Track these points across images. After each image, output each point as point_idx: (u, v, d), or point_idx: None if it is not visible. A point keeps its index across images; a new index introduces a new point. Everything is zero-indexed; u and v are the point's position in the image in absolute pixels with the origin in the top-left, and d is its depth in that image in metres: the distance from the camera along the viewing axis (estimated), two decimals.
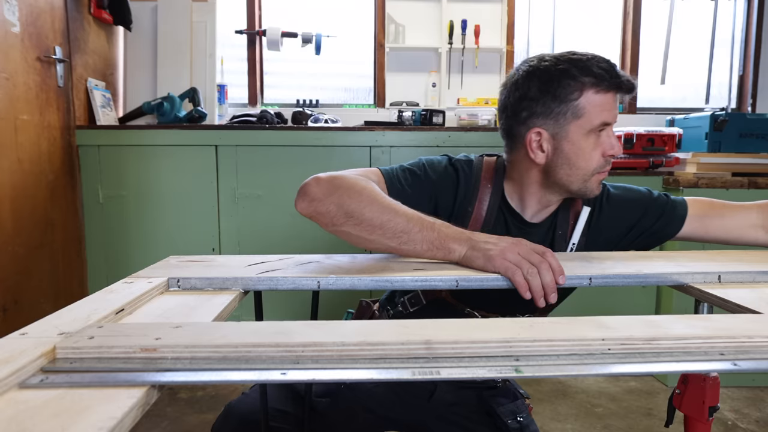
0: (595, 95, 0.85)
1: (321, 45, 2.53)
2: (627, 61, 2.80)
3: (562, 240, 0.95)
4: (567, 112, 0.85)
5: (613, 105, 0.86)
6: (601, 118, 0.85)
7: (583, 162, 0.87)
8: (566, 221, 0.95)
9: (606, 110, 0.85)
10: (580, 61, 0.85)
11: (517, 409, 0.95)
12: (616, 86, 0.85)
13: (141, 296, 0.64)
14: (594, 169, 0.88)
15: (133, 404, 0.38)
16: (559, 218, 0.96)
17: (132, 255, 2.14)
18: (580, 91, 0.84)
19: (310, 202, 0.79)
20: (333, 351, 0.47)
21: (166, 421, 1.80)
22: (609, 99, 0.85)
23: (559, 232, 0.95)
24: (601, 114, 0.85)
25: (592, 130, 0.86)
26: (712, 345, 0.49)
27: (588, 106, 0.85)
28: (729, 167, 2.15)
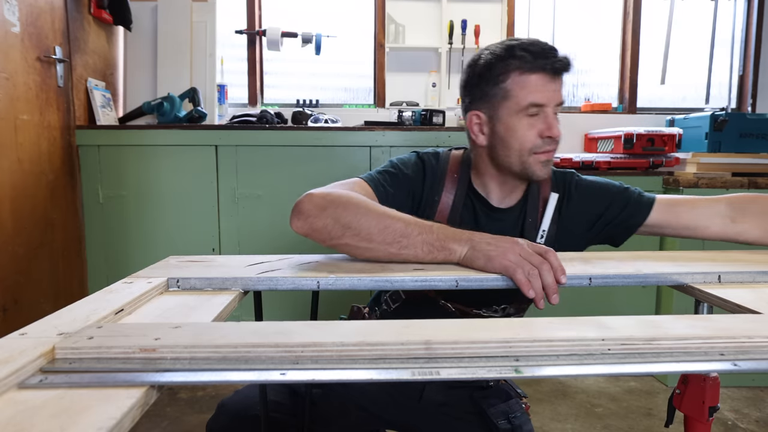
0: (520, 77, 0.88)
1: (321, 45, 2.53)
2: (627, 61, 2.80)
3: (532, 227, 0.97)
4: (498, 94, 0.90)
5: (544, 86, 0.88)
6: (528, 99, 0.88)
7: (517, 142, 0.90)
8: (535, 208, 0.97)
9: (534, 91, 0.87)
10: (509, 46, 0.89)
11: (509, 409, 0.94)
12: (540, 67, 0.87)
13: (140, 296, 0.64)
14: (529, 148, 0.90)
15: (132, 404, 0.38)
16: (529, 205, 0.98)
17: (132, 255, 2.13)
18: (506, 73, 0.88)
19: (306, 219, 0.79)
20: (332, 351, 0.47)
21: (166, 421, 1.80)
22: (537, 80, 0.87)
23: (529, 219, 0.97)
24: (528, 95, 0.87)
25: (521, 111, 0.88)
26: (712, 345, 0.49)
27: (515, 87, 0.88)
28: (729, 167, 2.15)
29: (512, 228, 0.98)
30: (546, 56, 0.87)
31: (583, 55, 2.83)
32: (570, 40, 2.81)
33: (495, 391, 0.98)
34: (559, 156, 2.25)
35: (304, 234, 0.80)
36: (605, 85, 2.86)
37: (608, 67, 2.84)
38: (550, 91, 0.88)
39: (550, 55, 0.87)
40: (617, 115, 2.74)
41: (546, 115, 0.89)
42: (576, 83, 2.85)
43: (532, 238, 0.95)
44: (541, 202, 0.98)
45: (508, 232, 0.89)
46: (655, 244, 2.22)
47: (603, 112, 2.72)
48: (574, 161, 2.20)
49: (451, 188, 0.97)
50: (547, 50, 0.88)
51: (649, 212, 0.95)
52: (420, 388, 0.98)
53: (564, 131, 2.97)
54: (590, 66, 2.84)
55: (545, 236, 0.97)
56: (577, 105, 2.82)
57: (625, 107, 2.80)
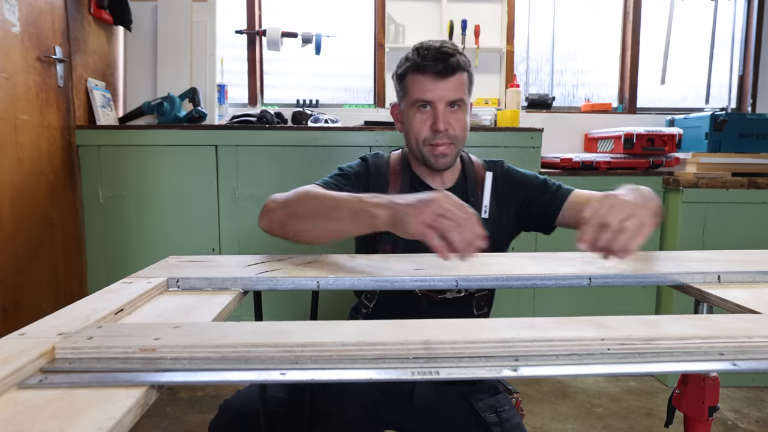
0: (413, 76, 1.01)
1: (321, 45, 2.53)
2: (627, 61, 2.80)
3: (475, 206, 1.04)
4: (403, 90, 1.04)
5: (431, 85, 0.98)
6: (416, 95, 1.00)
7: (413, 133, 1.02)
8: (474, 189, 1.07)
9: (422, 89, 0.99)
10: (413, 49, 1.03)
11: (497, 403, 0.96)
12: (426, 69, 0.98)
13: (140, 296, 0.64)
14: (422, 140, 1.01)
15: (132, 404, 0.38)
16: (469, 188, 1.07)
17: (132, 255, 2.13)
18: (405, 73, 1.02)
19: (266, 214, 0.90)
20: (332, 351, 0.47)
21: (166, 421, 1.80)
22: (424, 80, 0.99)
23: (471, 199, 1.06)
24: (417, 92, 1.00)
25: (413, 106, 1.01)
26: (712, 345, 0.49)
27: (409, 85, 1.02)
28: (729, 167, 2.15)
29: None
30: (434, 59, 0.97)
31: (583, 55, 2.83)
32: (570, 40, 2.81)
33: (483, 386, 1.00)
34: (559, 156, 2.25)
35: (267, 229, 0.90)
36: (605, 85, 2.86)
37: (608, 67, 2.84)
38: (438, 89, 0.99)
39: (437, 58, 0.97)
40: (617, 115, 2.74)
41: (435, 110, 1.00)
42: (576, 83, 2.85)
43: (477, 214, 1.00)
44: (479, 183, 1.08)
45: None
46: (655, 245, 2.22)
47: (603, 112, 2.72)
48: (574, 161, 2.20)
49: (396, 180, 1.07)
50: (434, 54, 0.98)
51: (562, 204, 1.04)
52: (410, 388, 0.99)
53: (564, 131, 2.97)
54: (590, 66, 2.84)
55: (488, 211, 1.05)
56: (577, 105, 2.82)
57: (625, 107, 2.80)
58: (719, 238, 2.10)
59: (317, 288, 0.72)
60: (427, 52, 0.99)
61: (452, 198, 0.74)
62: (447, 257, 0.71)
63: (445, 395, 0.99)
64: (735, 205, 2.10)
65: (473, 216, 0.72)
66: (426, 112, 1.01)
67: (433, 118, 1.00)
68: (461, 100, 1.01)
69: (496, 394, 0.98)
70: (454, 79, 0.99)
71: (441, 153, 1.01)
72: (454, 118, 1.01)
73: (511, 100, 2.56)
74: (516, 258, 0.86)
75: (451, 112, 1.01)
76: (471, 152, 1.14)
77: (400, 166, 1.09)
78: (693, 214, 2.10)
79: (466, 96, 1.03)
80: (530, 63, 2.81)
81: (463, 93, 1.01)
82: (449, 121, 1.00)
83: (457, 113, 1.01)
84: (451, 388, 0.99)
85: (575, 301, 2.26)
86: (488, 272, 0.75)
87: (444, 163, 1.02)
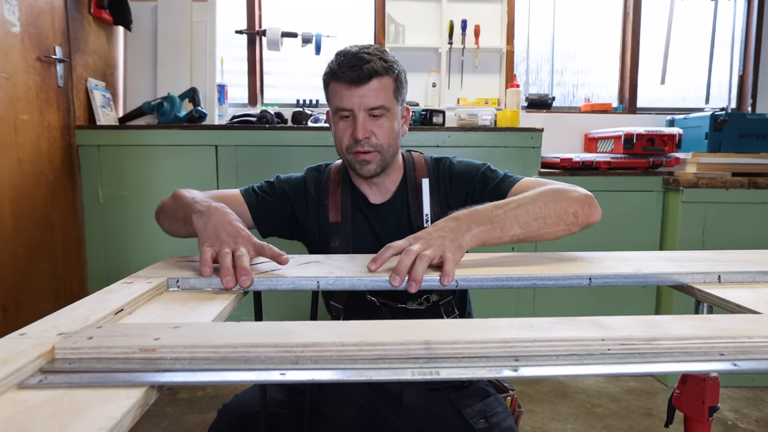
0: (332, 84, 0.99)
1: (321, 45, 2.53)
2: (627, 61, 2.80)
3: (417, 215, 1.03)
4: (327, 97, 1.02)
5: (348, 93, 0.96)
6: (335, 104, 0.99)
7: (337, 140, 1.01)
8: (415, 196, 1.04)
9: (340, 97, 0.97)
10: (334, 56, 0.99)
11: (486, 408, 0.94)
12: (340, 78, 0.96)
13: (140, 296, 0.64)
14: (345, 147, 1.00)
15: (131, 405, 0.38)
16: (409, 195, 1.04)
17: (132, 255, 2.13)
18: (327, 80, 1.00)
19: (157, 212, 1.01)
20: (332, 351, 0.47)
21: (166, 421, 1.80)
22: (340, 88, 0.97)
23: (413, 208, 1.03)
24: (336, 100, 0.98)
25: (336, 113, 1.00)
26: (712, 345, 0.49)
27: (330, 92, 1.00)
28: (729, 167, 2.15)
29: (399, 219, 1.04)
30: (349, 66, 0.95)
31: (583, 55, 2.83)
32: (570, 40, 2.81)
33: (472, 391, 0.98)
34: (559, 156, 2.25)
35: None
36: (605, 85, 2.86)
37: (608, 67, 2.84)
38: (354, 97, 0.96)
39: (353, 64, 0.95)
40: (617, 115, 2.74)
41: (354, 118, 0.97)
42: (576, 83, 2.85)
43: (420, 224, 1.02)
44: (418, 189, 1.04)
45: (396, 225, 1.03)
46: (655, 244, 2.22)
47: (603, 112, 2.72)
48: (574, 161, 2.20)
49: (336, 190, 1.05)
50: (349, 60, 0.95)
51: (506, 195, 0.97)
52: (398, 392, 0.98)
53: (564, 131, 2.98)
54: (590, 66, 2.84)
55: (429, 219, 1.02)
56: (577, 105, 2.82)
57: (625, 107, 2.80)
58: (719, 238, 2.10)
59: (317, 288, 0.72)
60: (343, 59, 0.96)
61: (227, 231, 0.77)
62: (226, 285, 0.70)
63: (433, 401, 0.97)
64: (735, 205, 2.10)
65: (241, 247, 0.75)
66: (347, 121, 0.98)
67: (353, 126, 0.97)
68: (382, 107, 0.97)
69: (486, 398, 0.96)
70: (372, 86, 0.95)
71: (364, 160, 0.98)
72: (377, 126, 0.97)
73: (511, 100, 2.56)
74: (516, 258, 0.86)
75: (374, 120, 0.97)
76: (471, 152, 1.12)
77: (339, 177, 1.07)
78: (693, 214, 2.10)
79: (390, 102, 0.98)
80: (530, 63, 2.81)
81: (384, 99, 0.97)
82: (370, 129, 0.97)
83: (380, 120, 0.98)
84: (438, 394, 0.98)
85: (575, 301, 2.26)
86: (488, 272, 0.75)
87: (369, 170, 0.99)
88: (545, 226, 0.84)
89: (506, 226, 0.81)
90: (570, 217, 0.86)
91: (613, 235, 2.18)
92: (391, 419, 0.98)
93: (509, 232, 0.81)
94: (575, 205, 0.86)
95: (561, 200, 0.86)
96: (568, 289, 2.20)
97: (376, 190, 1.06)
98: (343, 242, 1.01)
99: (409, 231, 1.01)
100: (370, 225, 1.04)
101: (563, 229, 0.85)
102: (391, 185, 1.06)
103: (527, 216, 0.82)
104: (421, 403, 0.97)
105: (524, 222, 0.82)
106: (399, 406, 0.98)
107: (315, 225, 1.05)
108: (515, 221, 0.82)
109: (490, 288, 0.73)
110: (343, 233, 1.02)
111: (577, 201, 0.87)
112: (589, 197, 0.89)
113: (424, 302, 0.99)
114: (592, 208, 0.88)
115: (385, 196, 1.06)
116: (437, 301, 0.99)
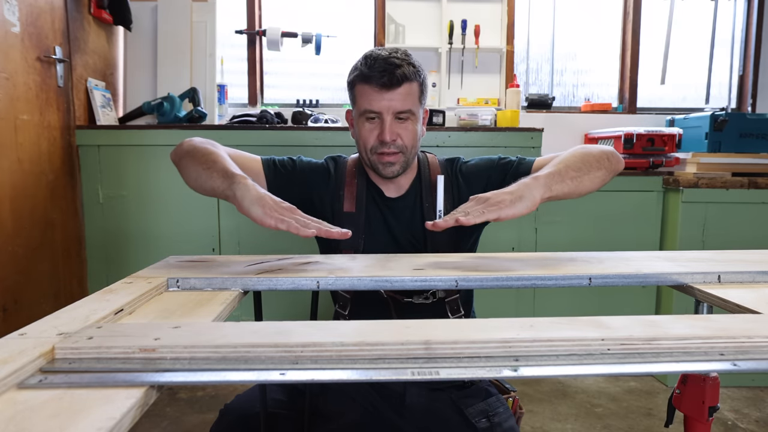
0: (360, 86, 1.01)
1: (321, 45, 2.53)
2: (627, 61, 2.80)
3: (430, 210, 1.05)
4: (352, 98, 1.05)
5: (377, 96, 0.99)
6: (363, 106, 1.01)
7: (362, 140, 1.03)
8: (429, 193, 1.07)
9: (369, 100, 0.99)
10: (362, 57, 1.01)
11: (488, 407, 0.95)
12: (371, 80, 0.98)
13: (140, 296, 0.64)
14: (369, 148, 1.02)
15: (131, 405, 0.38)
16: (423, 191, 1.07)
17: (132, 255, 2.13)
18: (354, 82, 1.02)
19: (176, 147, 1.00)
20: (332, 351, 0.47)
21: (166, 421, 1.80)
22: (370, 90, 0.99)
23: (426, 204, 1.06)
24: (363, 103, 1.01)
25: (362, 115, 1.02)
26: (712, 345, 0.49)
27: (357, 94, 1.02)
28: (729, 167, 2.15)
29: (412, 213, 1.07)
30: (380, 70, 0.97)
31: (583, 55, 2.83)
32: (570, 40, 2.81)
33: (474, 391, 0.99)
34: None
35: (172, 158, 1.01)
36: (605, 85, 2.86)
37: (608, 67, 2.84)
38: (384, 100, 0.99)
39: (384, 69, 0.97)
40: (617, 115, 2.74)
41: (382, 121, 1.00)
42: (576, 83, 2.85)
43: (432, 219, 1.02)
44: (432, 186, 1.06)
45: (410, 219, 1.06)
46: (655, 245, 2.22)
47: (603, 112, 2.72)
48: None
49: (352, 182, 1.08)
50: (380, 65, 0.97)
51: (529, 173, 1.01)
52: (401, 392, 0.98)
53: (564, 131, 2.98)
54: (590, 66, 2.84)
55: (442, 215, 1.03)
56: (577, 105, 2.82)
57: (625, 107, 2.80)
58: (719, 238, 2.10)
59: (317, 288, 0.72)
60: (374, 63, 0.98)
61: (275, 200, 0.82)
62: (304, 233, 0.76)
63: (436, 401, 0.97)
64: (735, 205, 2.10)
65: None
66: (374, 123, 1.01)
67: (380, 128, 1.00)
68: (409, 111, 1.00)
69: (488, 398, 0.97)
70: (402, 90, 0.98)
71: (388, 161, 1.02)
72: (402, 129, 1.01)
73: (511, 100, 2.56)
74: (516, 258, 0.86)
75: (400, 123, 1.01)
76: (471, 152, 1.14)
77: (355, 169, 1.10)
78: (693, 214, 2.10)
79: (416, 106, 1.02)
80: (530, 63, 2.81)
81: (411, 104, 1.00)
82: (397, 132, 1.00)
83: (406, 124, 1.01)
84: (441, 394, 0.98)
85: (575, 301, 2.26)
86: (488, 272, 0.75)
87: (391, 171, 1.03)
88: (592, 169, 0.93)
89: (563, 173, 0.89)
90: (605, 161, 0.95)
91: (613, 235, 2.18)
92: (393, 420, 0.98)
93: (568, 176, 0.89)
94: (606, 153, 0.97)
95: (593, 150, 0.97)
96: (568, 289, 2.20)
97: (391, 186, 1.08)
98: (355, 233, 1.02)
99: (421, 225, 1.05)
100: (383, 217, 1.07)
101: (604, 172, 0.95)
102: (406, 182, 1.09)
103: (575, 163, 0.92)
104: (424, 403, 0.98)
105: (575, 167, 0.91)
106: (402, 405, 0.98)
107: (329, 213, 1.07)
108: (568, 168, 0.90)
109: (490, 288, 0.73)
110: (355, 224, 1.04)
111: (605, 151, 0.98)
112: (611, 149, 1.00)
113: (430, 296, 1.01)
114: (617, 156, 0.99)
115: (399, 191, 1.09)
116: (443, 297, 1.01)
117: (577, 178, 0.90)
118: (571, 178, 0.89)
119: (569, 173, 0.90)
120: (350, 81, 1.04)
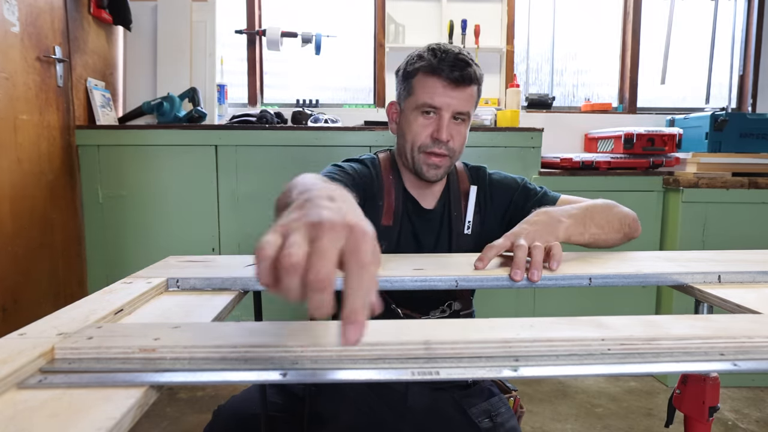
0: (423, 77, 0.95)
1: (321, 45, 2.53)
2: (627, 61, 2.80)
3: (458, 220, 1.03)
4: (407, 89, 0.99)
5: (441, 91, 0.94)
6: (423, 98, 0.95)
7: (410, 135, 0.98)
8: (458, 201, 1.04)
9: (431, 93, 0.94)
10: (427, 48, 0.97)
11: (491, 407, 0.95)
12: (439, 73, 0.93)
13: (140, 296, 0.64)
14: (419, 145, 0.97)
15: (131, 405, 0.38)
16: (452, 199, 1.04)
17: (132, 255, 2.13)
18: (416, 72, 0.96)
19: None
20: (332, 351, 0.46)
21: (165, 421, 1.80)
22: (435, 83, 0.94)
23: (455, 213, 1.03)
24: (424, 95, 0.95)
25: (417, 108, 0.96)
26: (712, 345, 0.49)
27: (417, 85, 0.96)
28: (729, 167, 2.15)
29: (440, 223, 1.04)
30: (450, 65, 0.92)
31: (583, 55, 2.83)
32: (570, 40, 2.81)
33: (476, 391, 0.99)
34: (559, 156, 2.25)
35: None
36: (605, 85, 2.86)
37: (608, 67, 2.85)
38: (447, 97, 0.94)
39: (455, 64, 0.92)
40: (617, 115, 2.74)
41: (440, 118, 0.95)
42: (576, 83, 2.85)
43: (460, 230, 1.02)
44: (462, 195, 1.04)
45: (437, 228, 1.02)
46: (655, 245, 2.22)
47: (603, 112, 2.73)
48: (574, 161, 2.20)
49: (390, 191, 1.03)
50: (451, 59, 0.93)
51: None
52: (403, 392, 0.98)
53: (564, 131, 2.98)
54: (590, 66, 2.84)
55: (471, 227, 1.02)
56: (577, 105, 2.82)
57: (625, 107, 2.80)
58: (719, 238, 2.10)
59: None
60: (444, 55, 0.93)
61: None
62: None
63: (438, 401, 0.97)
64: (735, 205, 2.10)
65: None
66: (430, 118, 0.96)
67: (436, 125, 0.95)
68: (467, 113, 0.97)
69: (491, 398, 0.97)
70: (468, 91, 0.95)
71: (434, 163, 0.97)
72: (456, 131, 0.97)
73: (511, 100, 2.56)
74: None
75: (455, 124, 0.97)
76: (471, 152, 1.14)
77: (392, 177, 1.04)
78: (693, 214, 2.10)
79: (473, 110, 0.99)
80: (530, 63, 2.81)
81: (470, 106, 0.97)
82: (451, 133, 0.96)
83: (460, 126, 0.98)
84: (444, 393, 0.98)
85: (575, 301, 2.26)
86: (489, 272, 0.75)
87: (435, 174, 0.98)
88: (612, 231, 0.88)
89: (587, 224, 0.85)
90: (626, 227, 0.91)
91: None
92: (390, 421, 0.98)
93: (589, 230, 0.85)
94: (629, 218, 0.93)
95: (619, 211, 0.92)
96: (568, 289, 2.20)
97: (428, 194, 1.04)
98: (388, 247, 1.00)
99: (447, 235, 1.02)
100: (413, 227, 1.04)
101: (621, 237, 0.90)
102: (438, 190, 1.06)
103: (600, 219, 0.87)
104: (426, 403, 0.97)
105: (598, 223, 0.86)
106: (403, 406, 0.98)
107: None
108: (592, 221, 0.85)
109: (490, 288, 0.73)
110: (389, 238, 1.01)
111: (629, 215, 0.93)
112: (635, 215, 0.95)
113: (447, 309, 0.99)
114: (638, 224, 0.95)
115: (432, 201, 1.05)
116: (458, 310, 1.00)
117: (596, 235, 0.87)
118: (590, 234, 0.86)
119: (591, 229, 0.86)
120: (410, 70, 0.97)
